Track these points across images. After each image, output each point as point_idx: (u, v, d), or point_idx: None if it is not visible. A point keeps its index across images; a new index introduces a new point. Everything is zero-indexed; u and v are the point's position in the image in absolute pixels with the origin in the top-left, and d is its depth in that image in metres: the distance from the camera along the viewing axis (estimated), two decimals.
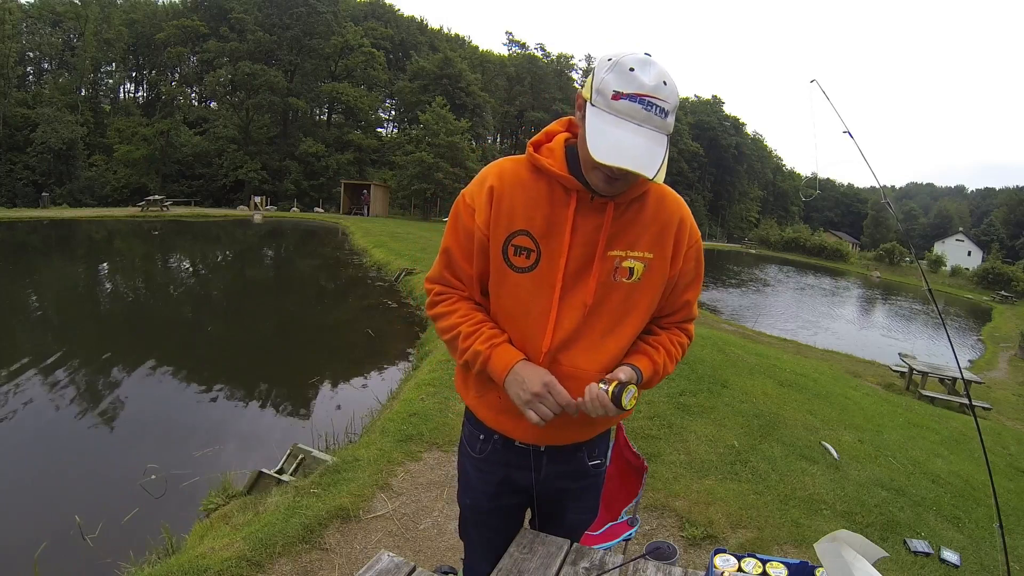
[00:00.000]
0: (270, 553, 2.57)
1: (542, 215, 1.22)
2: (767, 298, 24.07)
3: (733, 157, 66.30)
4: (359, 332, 9.41)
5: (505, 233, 1.23)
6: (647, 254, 1.24)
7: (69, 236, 20.11)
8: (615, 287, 1.24)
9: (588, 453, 1.43)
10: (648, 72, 1.06)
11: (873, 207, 76.32)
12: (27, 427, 5.20)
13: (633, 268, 1.24)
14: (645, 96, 1.05)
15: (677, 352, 1.36)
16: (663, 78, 1.07)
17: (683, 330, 1.39)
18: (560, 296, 1.23)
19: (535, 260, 1.23)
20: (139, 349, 7.63)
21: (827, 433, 4.84)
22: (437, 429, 3.99)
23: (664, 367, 1.32)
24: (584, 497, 1.47)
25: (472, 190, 1.28)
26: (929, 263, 48.78)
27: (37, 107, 33.63)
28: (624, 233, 1.23)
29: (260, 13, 40.13)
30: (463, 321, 1.29)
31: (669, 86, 1.07)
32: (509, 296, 1.26)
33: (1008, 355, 16.14)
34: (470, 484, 1.48)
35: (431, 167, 33.62)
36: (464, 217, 1.27)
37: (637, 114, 1.06)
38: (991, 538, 3.35)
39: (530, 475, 1.40)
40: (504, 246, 1.24)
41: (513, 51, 54.71)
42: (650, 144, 1.06)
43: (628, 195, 1.21)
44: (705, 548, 2.91)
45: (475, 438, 1.44)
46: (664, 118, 1.07)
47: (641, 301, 1.27)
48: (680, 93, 1.13)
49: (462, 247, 1.29)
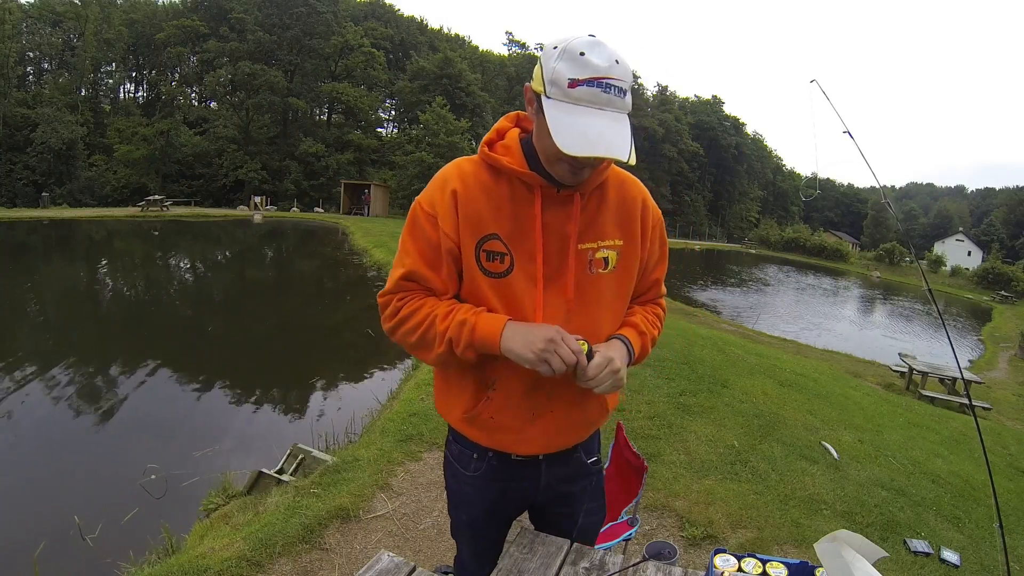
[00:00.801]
0: (270, 553, 2.57)
1: (508, 217, 1.18)
2: (767, 298, 24.07)
3: (733, 157, 66.31)
4: (359, 332, 9.40)
5: (475, 239, 1.17)
6: (617, 241, 1.24)
7: (69, 236, 20.12)
8: (593, 279, 1.23)
9: (585, 452, 1.41)
10: (599, 54, 1.02)
11: (873, 207, 76.34)
12: (27, 427, 5.20)
13: (607, 257, 1.23)
14: (602, 79, 1.01)
15: (654, 320, 1.37)
16: (614, 57, 1.03)
17: (656, 304, 1.41)
18: (543, 297, 1.19)
19: (509, 265, 1.18)
20: (139, 349, 7.64)
21: (827, 433, 4.84)
22: (437, 429, 3.99)
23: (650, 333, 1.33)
24: (588, 497, 1.45)
25: (432, 196, 1.19)
26: (929, 263, 48.77)
27: (37, 107, 33.66)
28: (592, 224, 1.22)
29: (260, 13, 40.15)
30: (436, 306, 1.18)
31: (622, 64, 1.04)
32: (487, 303, 1.19)
33: (1008, 355, 16.15)
34: (464, 500, 1.43)
35: (431, 167, 33.56)
36: (425, 226, 1.18)
37: (597, 99, 1.02)
38: (991, 538, 3.35)
39: (529, 486, 1.38)
40: (476, 252, 1.17)
41: (513, 51, 54.81)
42: (616, 126, 1.03)
43: (591, 183, 1.20)
44: (705, 548, 2.90)
45: (467, 457, 1.36)
46: (623, 97, 1.04)
47: (620, 289, 1.27)
48: (681, 93, 1.13)
49: (425, 258, 1.19)
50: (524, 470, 1.35)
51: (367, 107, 43.74)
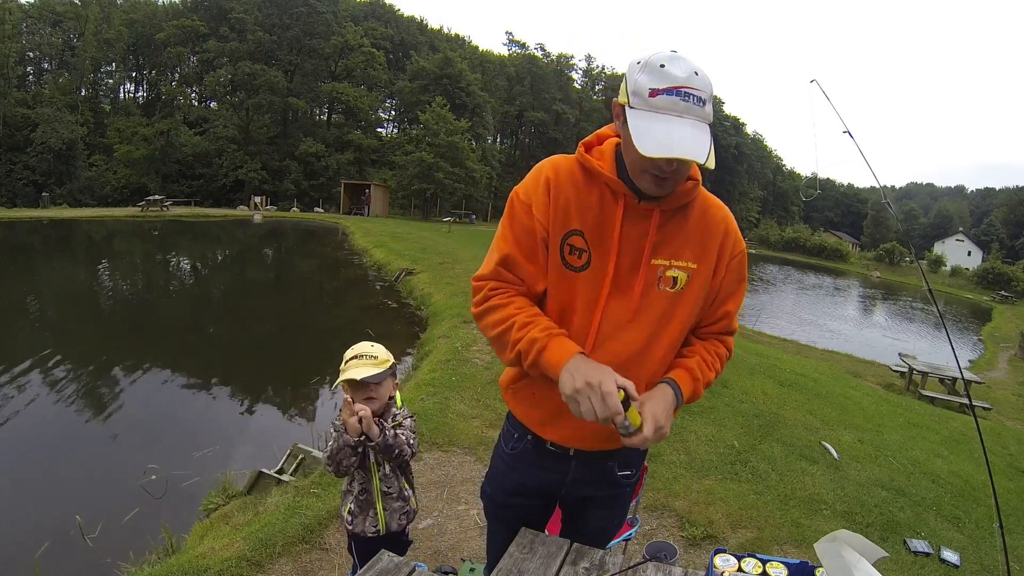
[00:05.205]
0: (270, 553, 2.57)
1: (593, 217, 1.23)
2: (767, 298, 24.06)
3: (733, 157, 66.21)
4: (359, 332, 9.38)
5: (563, 230, 1.23)
6: (691, 264, 1.24)
7: (69, 236, 20.11)
8: (658, 296, 1.24)
9: (619, 463, 1.41)
10: (679, 66, 1.07)
11: (873, 207, 76.27)
12: (28, 427, 5.20)
13: (677, 277, 1.23)
14: (681, 88, 1.06)
15: (713, 360, 1.33)
16: (694, 69, 1.08)
17: (721, 341, 1.37)
18: (605, 301, 1.23)
19: (587, 261, 1.23)
20: (139, 349, 7.64)
21: (827, 433, 4.84)
22: (437, 429, 3.99)
23: (704, 377, 1.29)
24: (610, 506, 1.46)
25: (527, 186, 1.26)
26: (929, 263, 48.78)
27: (37, 107, 33.64)
28: (669, 242, 1.23)
29: (260, 13, 40.15)
30: (519, 312, 1.23)
31: (701, 76, 1.08)
32: (561, 294, 1.26)
33: (1008, 355, 16.14)
34: (494, 475, 1.52)
35: (431, 167, 33.63)
36: (521, 214, 1.25)
37: (676, 106, 1.06)
38: (991, 538, 3.35)
39: (555, 479, 1.40)
40: (561, 244, 1.23)
41: (513, 51, 54.71)
42: (695, 132, 1.07)
43: (674, 202, 1.22)
44: (705, 548, 2.90)
45: (510, 435, 1.45)
46: (703, 107, 1.08)
47: (683, 311, 1.26)
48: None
49: (522, 245, 1.25)
50: (555, 462, 1.39)
51: (367, 107, 43.73)
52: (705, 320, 1.33)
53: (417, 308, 10.34)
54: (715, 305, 1.31)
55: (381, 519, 1.88)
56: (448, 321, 8.09)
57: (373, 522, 1.88)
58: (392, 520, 1.90)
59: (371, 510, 1.88)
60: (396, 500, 1.92)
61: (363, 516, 1.88)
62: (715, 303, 1.31)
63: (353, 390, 1.78)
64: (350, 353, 1.81)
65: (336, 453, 1.75)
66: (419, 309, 10.21)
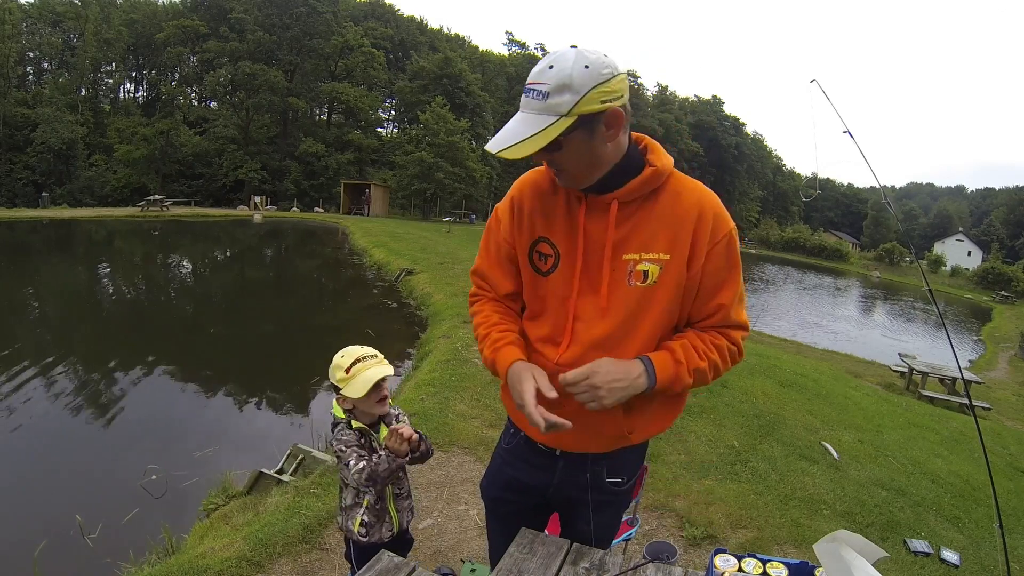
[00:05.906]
0: (270, 553, 2.57)
1: (560, 220, 1.27)
2: (767, 298, 24.05)
3: (733, 157, 66.25)
4: (359, 332, 9.38)
5: (529, 240, 1.30)
6: (663, 255, 1.19)
7: (69, 236, 20.11)
8: (629, 291, 1.21)
9: (608, 468, 1.38)
10: (541, 63, 1.10)
11: (873, 207, 76.30)
12: (27, 427, 5.19)
13: (648, 271, 1.20)
14: (528, 85, 1.10)
15: (707, 349, 1.24)
16: (550, 63, 1.07)
17: (722, 333, 1.27)
18: (575, 300, 1.25)
19: (553, 264, 1.28)
20: (139, 349, 7.63)
21: (827, 433, 4.84)
22: (437, 429, 3.98)
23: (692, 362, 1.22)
24: (600, 512, 1.41)
25: (502, 203, 1.38)
26: (929, 263, 48.81)
27: (37, 107, 33.65)
28: (636, 234, 1.20)
29: (260, 13, 40.15)
30: (481, 323, 1.38)
31: (555, 68, 1.06)
32: (535, 299, 1.33)
33: (1008, 355, 16.14)
34: (491, 468, 1.57)
35: (431, 167, 33.64)
36: (494, 229, 1.38)
37: (522, 102, 1.11)
38: (991, 538, 3.35)
39: (544, 477, 1.42)
40: (530, 252, 1.31)
41: (513, 51, 54.76)
42: (515, 125, 1.10)
43: (632, 192, 1.19)
44: (705, 548, 2.90)
45: (507, 431, 1.52)
46: (543, 100, 1.07)
47: (657, 306, 1.21)
48: (680, 93, 1.15)
49: (491, 256, 1.39)
50: (543, 460, 1.41)
51: (367, 107, 43.75)
52: (697, 314, 1.27)
53: (417, 308, 10.34)
54: (704, 297, 1.24)
55: (395, 520, 1.88)
56: (448, 321, 8.09)
57: (389, 527, 1.86)
58: (403, 519, 1.91)
59: (386, 516, 1.86)
60: (405, 499, 1.93)
61: (379, 525, 1.85)
62: (702, 294, 1.23)
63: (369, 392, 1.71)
64: (349, 359, 1.73)
65: (387, 476, 1.70)
66: (419, 309, 10.21)
